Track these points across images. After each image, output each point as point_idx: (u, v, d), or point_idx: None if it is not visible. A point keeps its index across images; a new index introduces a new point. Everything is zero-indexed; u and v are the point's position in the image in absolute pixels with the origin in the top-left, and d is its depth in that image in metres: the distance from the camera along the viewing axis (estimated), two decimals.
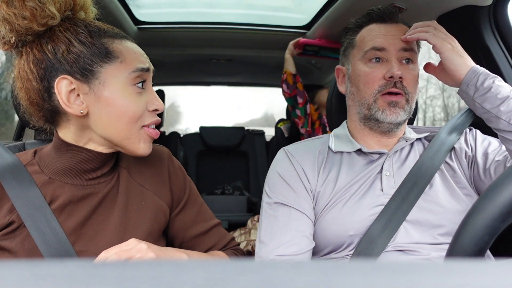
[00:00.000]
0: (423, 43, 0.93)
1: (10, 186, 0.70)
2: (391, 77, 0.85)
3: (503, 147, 0.86)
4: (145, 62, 0.73)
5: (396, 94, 0.86)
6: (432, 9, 1.23)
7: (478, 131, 0.94)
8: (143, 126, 0.72)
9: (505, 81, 1.11)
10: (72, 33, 0.68)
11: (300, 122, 2.16)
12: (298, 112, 2.12)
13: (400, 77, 0.85)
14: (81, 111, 0.68)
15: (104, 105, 0.68)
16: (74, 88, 0.68)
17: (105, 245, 0.71)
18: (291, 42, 2.04)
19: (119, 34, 0.73)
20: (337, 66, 0.99)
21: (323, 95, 2.23)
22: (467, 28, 1.16)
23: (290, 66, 2.05)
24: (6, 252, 0.69)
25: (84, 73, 0.68)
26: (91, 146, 0.73)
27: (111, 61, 0.69)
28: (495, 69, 1.12)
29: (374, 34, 0.89)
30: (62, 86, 0.67)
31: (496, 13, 1.12)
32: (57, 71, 0.68)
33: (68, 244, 0.69)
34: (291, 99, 2.11)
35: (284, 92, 2.11)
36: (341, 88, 0.98)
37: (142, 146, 0.73)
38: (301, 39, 2.01)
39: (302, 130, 2.18)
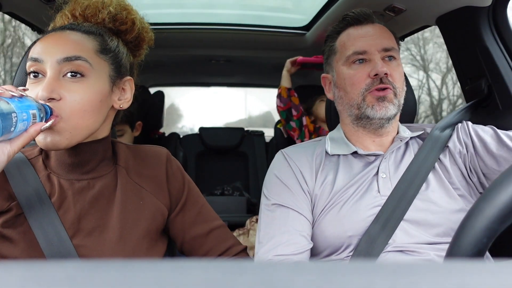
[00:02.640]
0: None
1: (16, 182, 0.72)
2: (376, 74, 0.85)
3: (499, 132, 0.86)
4: (36, 52, 0.70)
5: (384, 89, 0.86)
6: (431, 10, 1.23)
7: (469, 123, 0.93)
8: None
9: (504, 82, 1.11)
10: None
11: (295, 134, 2.10)
12: (292, 124, 2.08)
13: (386, 73, 0.85)
14: None
15: None
16: None
17: (103, 240, 0.72)
18: (289, 60, 2.01)
19: (52, 30, 0.74)
20: (322, 75, 1.00)
21: (320, 108, 2.16)
22: (466, 29, 1.16)
23: (285, 82, 2.03)
24: (7, 241, 0.70)
25: None
26: None
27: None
28: (494, 70, 1.12)
29: (353, 38, 0.90)
30: None
31: (496, 14, 1.12)
32: None
33: (67, 238, 0.70)
34: (284, 112, 2.07)
35: (277, 107, 2.08)
36: (329, 95, 0.99)
37: (36, 138, 0.68)
38: (299, 58, 1.97)
39: (298, 142, 2.13)
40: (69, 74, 0.69)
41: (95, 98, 0.71)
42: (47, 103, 0.66)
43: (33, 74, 0.70)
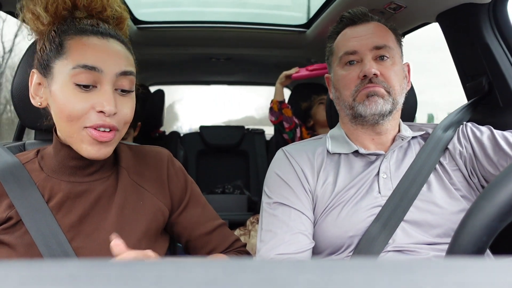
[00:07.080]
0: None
1: (11, 187, 0.71)
2: (365, 76, 0.85)
3: (496, 134, 0.86)
4: (93, 60, 0.68)
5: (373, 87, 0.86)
6: (431, 7, 1.23)
7: (468, 125, 0.93)
8: (86, 127, 0.68)
9: (505, 79, 1.11)
10: (50, 32, 0.72)
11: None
12: (285, 136, 2.12)
13: (375, 74, 0.85)
14: (39, 103, 0.73)
15: (52, 101, 0.71)
16: (40, 82, 0.73)
17: (102, 242, 0.72)
18: (284, 73, 2.01)
19: (88, 30, 0.71)
20: (326, 75, 1.01)
21: (319, 113, 2.16)
22: (466, 26, 1.16)
23: (278, 96, 2.05)
24: (5, 246, 0.70)
25: (44, 69, 0.72)
26: None
27: (60, 56, 0.70)
28: (495, 67, 1.12)
29: (346, 39, 0.91)
30: (32, 79, 0.74)
31: (496, 10, 1.12)
32: (32, 65, 0.76)
33: (66, 242, 0.70)
34: (276, 125, 2.11)
35: (270, 121, 2.11)
36: (331, 95, 1.00)
37: (84, 148, 0.69)
38: (294, 75, 1.98)
39: None
40: (120, 90, 0.71)
41: (134, 108, 0.74)
42: (107, 117, 0.68)
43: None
